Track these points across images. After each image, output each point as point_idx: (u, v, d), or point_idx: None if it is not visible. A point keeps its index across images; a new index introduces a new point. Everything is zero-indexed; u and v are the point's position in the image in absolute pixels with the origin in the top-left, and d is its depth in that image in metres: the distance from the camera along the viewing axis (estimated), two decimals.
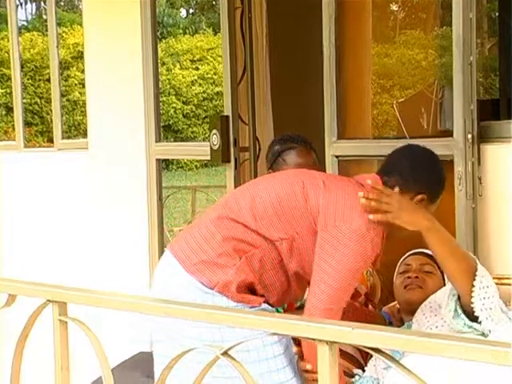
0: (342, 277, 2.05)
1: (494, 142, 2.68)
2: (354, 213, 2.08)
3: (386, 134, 5.54)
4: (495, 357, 1.07)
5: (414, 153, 2.32)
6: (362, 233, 2.06)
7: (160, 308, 1.44)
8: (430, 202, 2.24)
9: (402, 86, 5.90)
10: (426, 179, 2.25)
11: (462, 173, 2.64)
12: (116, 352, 2.57)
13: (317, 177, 2.21)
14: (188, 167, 12.58)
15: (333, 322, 1.23)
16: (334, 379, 1.22)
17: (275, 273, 2.12)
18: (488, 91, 5.49)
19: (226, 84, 3.64)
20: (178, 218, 9.50)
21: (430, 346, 1.15)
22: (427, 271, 2.49)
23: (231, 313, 1.29)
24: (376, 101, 5.89)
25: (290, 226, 2.10)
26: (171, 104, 12.62)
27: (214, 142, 3.63)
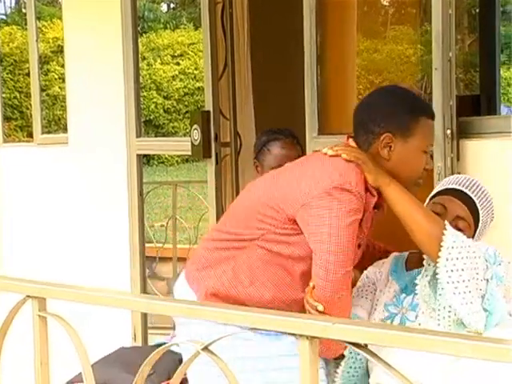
0: (339, 238, 2.02)
1: (473, 138, 2.70)
2: (318, 177, 2.06)
3: None
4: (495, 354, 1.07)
5: (368, 98, 2.26)
6: (335, 186, 2.03)
7: (141, 304, 1.44)
8: (403, 139, 2.11)
9: (391, 81, 5.92)
10: (382, 115, 2.12)
11: (441, 168, 2.65)
12: (97, 347, 2.57)
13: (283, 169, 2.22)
14: (169, 162, 12.56)
15: (313, 317, 1.24)
16: (315, 374, 1.23)
17: (266, 269, 2.11)
18: (468, 87, 5.53)
19: (207, 79, 3.64)
20: (159, 213, 9.48)
21: (414, 342, 1.14)
22: (459, 228, 2.17)
23: (212, 308, 1.29)
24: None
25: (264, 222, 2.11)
26: (152, 99, 12.58)
27: (195, 137, 3.62)
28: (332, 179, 2.04)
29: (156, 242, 6.23)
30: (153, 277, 6.11)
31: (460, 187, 2.27)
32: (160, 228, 7.39)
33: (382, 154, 2.14)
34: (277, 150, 2.91)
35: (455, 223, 2.21)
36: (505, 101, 11.27)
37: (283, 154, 2.90)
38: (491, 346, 1.06)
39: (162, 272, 6.29)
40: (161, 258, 6.12)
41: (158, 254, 6.04)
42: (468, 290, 2.00)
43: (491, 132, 2.67)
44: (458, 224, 2.22)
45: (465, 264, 2.01)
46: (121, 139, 4.01)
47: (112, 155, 4.12)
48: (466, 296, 2.00)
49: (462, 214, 2.23)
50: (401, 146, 2.13)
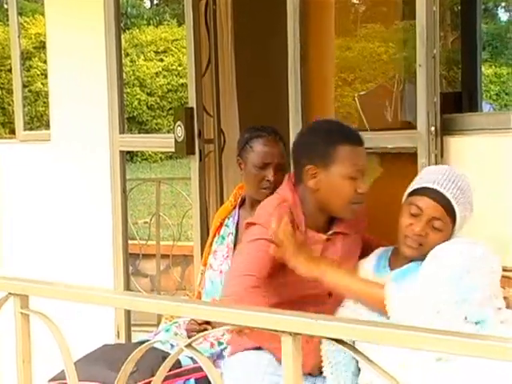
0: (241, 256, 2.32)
1: (456, 135, 2.71)
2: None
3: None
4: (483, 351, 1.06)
5: (296, 137, 2.46)
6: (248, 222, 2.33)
7: (124, 301, 1.43)
8: (325, 168, 2.26)
9: (364, 79, 5.94)
10: (305, 150, 2.32)
11: (425, 165, 2.66)
12: (80, 345, 2.56)
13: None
14: (152, 159, 12.53)
15: (296, 313, 1.24)
16: (298, 370, 1.23)
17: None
18: (451, 84, 5.55)
19: (191, 76, 3.63)
20: (142, 210, 9.45)
21: (400, 339, 1.14)
22: (436, 228, 2.23)
23: (194, 305, 1.28)
24: (338, 94, 5.91)
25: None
26: (135, 95, 12.55)
27: (179, 133, 3.62)
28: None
29: (139, 239, 6.22)
30: (136, 274, 6.10)
31: (435, 186, 2.27)
32: (143, 225, 7.37)
33: (309, 185, 2.29)
34: (259, 147, 2.91)
35: (431, 224, 2.24)
36: (487, 98, 11.35)
37: (266, 151, 2.90)
38: (479, 343, 1.06)
39: (146, 269, 6.28)
40: (144, 255, 6.10)
41: (142, 251, 6.02)
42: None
43: (473, 129, 2.69)
44: (434, 224, 2.24)
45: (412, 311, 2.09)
46: (104, 136, 4.00)
47: (95, 152, 4.11)
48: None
49: (437, 215, 2.25)
50: (325, 176, 2.27)
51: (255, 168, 2.90)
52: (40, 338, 1.70)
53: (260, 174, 2.88)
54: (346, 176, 2.26)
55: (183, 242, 6.34)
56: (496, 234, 2.62)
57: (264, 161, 2.88)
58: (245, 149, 2.94)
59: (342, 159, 2.26)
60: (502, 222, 2.61)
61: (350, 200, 2.27)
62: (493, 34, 10.16)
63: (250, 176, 2.92)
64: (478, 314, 2.13)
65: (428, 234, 2.25)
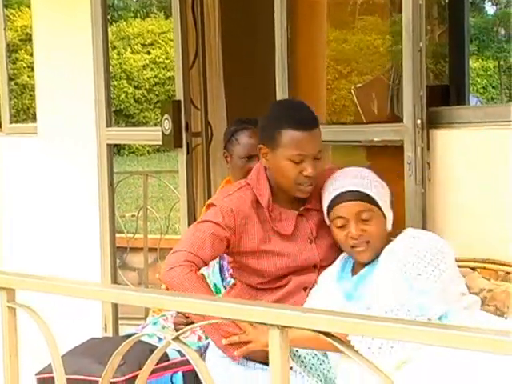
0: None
1: (443, 128, 2.72)
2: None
3: (343, 120, 5.57)
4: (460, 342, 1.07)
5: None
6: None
7: (111, 294, 1.43)
8: (272, 149, 2.35)
9: (360, 71, 5.93)
10: (259, 129, 2.43)
11: (411, 158, 2.67)
12: (67, 338, 2.55)
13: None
14: (140, 152, 12.49)
15: (284, 306, 1.24)
16: (285, 364, 1.23)
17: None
18: (438, 77, 5.56)
19: (178, 68, 3.62)
20: (129, 203, 9.43)
21: (387, 331, 1.14)
22: (365, 219, 2.27)
23: (180, 298, 1.28)
24: (334, 86, 5.90)
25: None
26: (122, 88, 12.50)
27: (166, 126, 3.61)
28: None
29: (127, 233, 6.20)
30: (124, 267, 6.09)
31: (338, 191, 2.32)
32: (131, 218, 7.36)
33: (263, 163, 2.41)
34: (245, 140, 2.91)
35: (360, 219, 2.27)
36: (474, 91, 11.38)
37: (251, 143, 2.90)
38: (456, 334, 1.07)
39: (133, 262, 6.27)
40: (132, 249, 6.09)
41: (129, 245, 6.01)
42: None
43: (460, 122, 2.70)
44: (363, 217, 2.27)
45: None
46: (91, 129, 3.98)
47: (82, 145, 4.09)
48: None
49: (358, 209, 2.28)
50: (272, 156, 2.36)
51: (241, 160, 2.90)
52: (27, 332, 1.70)
53: (246, 165, 2.88)
54: (289, 159, 2.33)
55: (171, 235, 6.33)
56: (484, 226, 2.64)
57: (250, 152, 2.89)
58: (230, 141, 2.95)
59: (286, 143, 2.33)
60: (490, 215, 2.63)
61: (295, 182, 2.34)
62: (480, 28, 10.18)
63: (237, 168, 2.92)
64: (439, 310, 2.16)
65: (365, 230, 2.28)
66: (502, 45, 10.74)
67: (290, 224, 2.42)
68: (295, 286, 2.42)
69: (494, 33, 10.59)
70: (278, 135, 2.33)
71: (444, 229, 2.72)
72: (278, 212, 2.42)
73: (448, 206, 2.72)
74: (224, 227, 2.35)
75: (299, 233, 2.43)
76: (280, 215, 2.42)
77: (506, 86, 11.52)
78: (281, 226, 2.41)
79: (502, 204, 2.59)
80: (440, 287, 2.18)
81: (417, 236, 2.27)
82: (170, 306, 1.42)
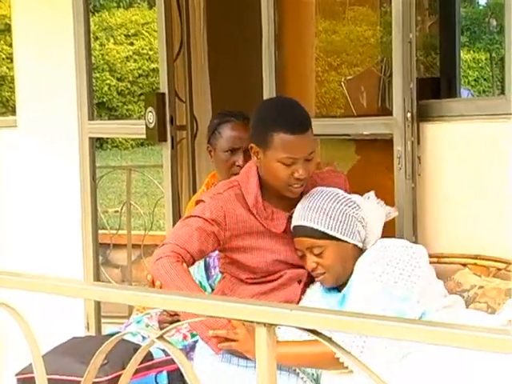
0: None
1: (433, 121, 2.73)
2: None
3: (333, 113, 5.58)
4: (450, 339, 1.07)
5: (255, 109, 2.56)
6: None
7: (94, 292, 1.43)
8: (263, 150, 2.38)
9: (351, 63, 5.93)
10: (251, 128, 2.46)
11: (401, 152, 2.68)
12: (49, 337, 2.55)
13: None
14: (123, 146, 12.47)
15: (270, 303, 1.24)
16: (272, 362, 1.23)
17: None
18: (429, 69, 5.57)
19: (162, 60, 3.61)
20: (112, 198, 9.42)
21: (374, 328, 1.15)
22: (317, 254, 2.36)
23: (165, 296, 1.28)
24: (324, 79, 5.91)
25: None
26: (105, 80, 12.46)
27: (150, 120, 3.60)
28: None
29: (110, 229, 6.20)
30: (106, 264, 6.08)
31: (296, 222, 2.40)
32: (114, 214, 7.35)
33: (253, 160, 2.45)
34: (228, 133, 2.91)
35: (312, 252, 2.36)
36: (465, 84, 11.42)
37: (234, 135, 2.90)
38: (447, 331, 1.08)
39: (116, 259, 6.26)
40: (115, 245, 6.08)
41: (112, 241, 6.00)
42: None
43: (451, 115, 2.71)
44: (314, 251, 2.36)
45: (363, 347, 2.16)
46: (72, 122, 3.97)
47: (63, 139, 4.08)
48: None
49: (307, 245, 2.37)
50: (263, 156, 2.40)
51: (224, 154, 2.90)
52: (7, 331, 1.70)
53: (230, 159, 2.88)
54: (280, 161, 2.36)
55: (155, 231, 6.33)
56: (475, 222, 2.65)
57: (233, 146, 2.89)
58: (214, 135, 2.95)
59: (277, 146, 2.36)
60: (481, 211, 2.64)
61: (286, 183, 2.38)
62: (471, 19, 10.21)
63: (220, 162, 2.92)
64: (417, 313, 2.21)
65: (318, 262, 2.37)
66: (493, 36, 10.78)
67: (281, 223, 2.46)
68: (288, 279, 2.46)
69: (486, 24, 10.62)
70: (270, 137, 2.36)
71: (434, 224, 2.73)
72: (270, 211, 2.45)
73: (438, 200, 2.73)
74: (212, 222, 2.39)
75: (291, 234, 2.46)
76: (272, 214, 2.46)
77: (497, 79, 11.56)
78: (272, 224, 2.45)
79: (493, 199, 2.60)
80: (418, 292, 2.23)
81: (387, 245, 2.33)
82: (154, 303, 1.42)
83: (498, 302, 2.35)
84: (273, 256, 2.45)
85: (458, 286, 2.49)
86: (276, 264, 2.45)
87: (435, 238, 2.72)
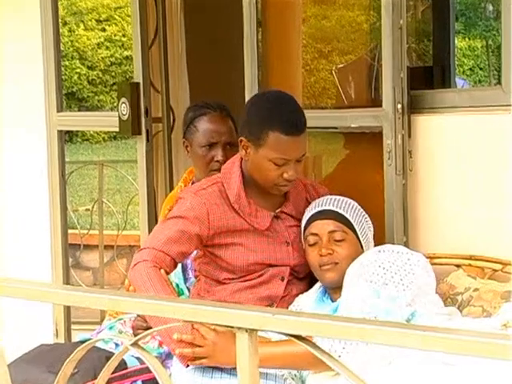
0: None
1: (425, 113, 2.74)
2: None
3: (323, 103, 5.58)
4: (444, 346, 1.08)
5: (246, 103, 2.62)
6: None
7: (62, 296, 1.43)
8: (254, 146, 2.42)
9: (342, 50, 5.93)
10: (243, 121, 2.50)
11: (391, 146, 2.69)
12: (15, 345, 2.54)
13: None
14: (94, 140, 12.43)
15: (252, 307, 1.25)
16: (255, 370, 1.24)
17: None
18: (421, 58, 5.59)
19: (136, 47, 3.60)
20: (83, 196, 9.39)
21: (360, 333, 1.16)
22: (338, 240, 2.44)
23: (137, 299, 1.29)
24: (313, 67, 5.90)
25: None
26: (75, 69, 12.41)
27: (123, 111, 3.60)
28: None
29: (80, 228, 6.18)
30: (77, 266, 6.07)
31: (317, 209, 2.48)
32: (85, 212, 7.32)
33: (241, 154, 2.49)
34: (204, 126, 2.90)
35: (332, 238, 2.43)
36: (460, 73, 11.47)
37: (212, 129, 2.90)
38: (440, 336, 1.09)
39: (88, 261, 6.25)
40: (86, 246, 6.07)
41: (83, 242, 5.99)
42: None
43: (445, 106, 2.72)
44: (335, 237, 2.43)
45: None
46: (40, 114, 3.95)
47: (30, 131, 4.06)
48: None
49: (332, 228, 2.44)
50: (253, 152, 2.44)
51: (202, 149, 2.89)
52: None
53: (208, 154, 2.88)
54: (272, 161, 2.41)
55: (129, 231, 6.31)
56: (469, 220, 2.67)
57: (210, 140, 2.88)
58: (189, 129, 2.94)
59: (271, 145, 2.40)
60: (477, 208, 2.66)
61: (274, 182, 2.44)
62: (466, 4, 10.26)
63: (198, 158, 2.92)
64: (405, 313, 2.24)
65: (335, 250, 2.42)
66: (490, 22, 10.83)
67: (265, 221, 2.51)
68: (270, 276, 2.51)
69: (482, 9, 10.68)
70: (265, 135, 2.40)
71: (426, 223, 2.75)
72: (254, 208, 2.51)
73: (431, 197, 2.74)
74: (194, 221, 2.43)
75: (275, 234, 2.53)
76: (256, 212, 2.51)
77: (494, 68, 11.63)
78: (256, 221, 2.50)
79: (490, 196, 2.62)
80: (409, 297, 2.27)
81: (382, 250, 2.38)
82: (128, 308, 1.43)
83: (493, 305, 2.37)
84: (255, 255, 2.49)
85: (452, 289, 2.50)
86: (257, 263, 2.49)
87: (427, 238, 2.74)
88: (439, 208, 2.73)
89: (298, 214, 2.55)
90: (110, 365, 1.34)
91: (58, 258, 3.94)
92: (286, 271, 2.51)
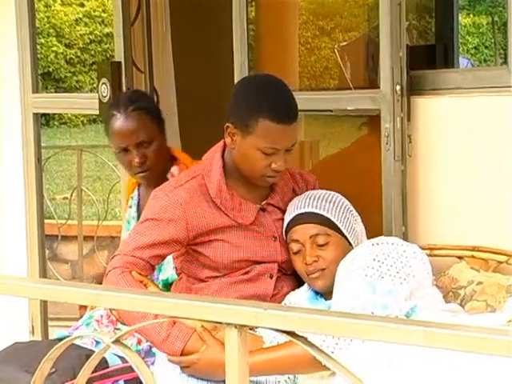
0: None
1: (426, 95, 2.75)
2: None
3: (325, 84, 5.57)
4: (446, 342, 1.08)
5: (234, 87, 2.61)
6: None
7: (39, 290, 1.43)
8: (242, 133, 2.41)
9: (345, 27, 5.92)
10: (230, 106, 2.46)
11: (389, 130, 2.69)
12: None
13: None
14: (73, 123, 12.41)
15: (242, 302, 1.25)
16: (244, 368, 1.24)
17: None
18: (422, 35, 5.60)
19: (117, 24, 3.60)
20: (61, 183, 9.38)
21: (356, 329, 1.16)
22: (321, 244, 2.43)
23: (123, 294, 1.29)
24: (314, 45, 5.89)
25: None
26: (51, 47, 12.37)
27: (104, 93, 3.59)
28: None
29: (58, 218, 6.18)
30: (54, 259, 6.06)
31: (295, 212, 2.46)
32: (62, 201, 7.33)
33: (227, 141, 2.47)
34: (113, 131, 2.85)
35: (315, 244, 2.42)
36: (464, 52, 11.48)
37: (120, 133, 2.83)
38: (443, 333, 1.09)
39: (66, 253, 6.25)
40: (64, 237, 6.07)
41: (61, 233, 5.99)
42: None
43: (447, 88, 2.73)
44: (318, 241, 2.42)
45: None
46: (14, 95, 3.94)
47: (3, 114, 4.05)
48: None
49: (313, 232, 2.43)
50: (240, 140, 2.42)
51: (118, 154, 2.88)
52: None
53: (124, 159, 2.86)
54: (260, 150, 2.40)
55: (110, 221, 6.32)
56: (473, 209, 2.68)
57: (121, 145, 2.85)
58: (106, 131, 2.93)
59: (260, 133, 2.38)
60: (480, 197, 2.66)
61: (262, 173, 2.43)
62: None
63: (120, 161, 2.95)
64: (404, 307, 2.25)
65: (320, 256, 2.42)
66: None
67: (249, 215, 2.50)
68: (257, 274, 2.50)
69: None
70: (254, 122, 2.38)
71: (427, 211, 2.75)
72: (237, 201, 2.49)
73: (431, 185, 2.75)
74: (168, 224, 2.42)
75: (262, 228, 2.52)
76: (240, 205, 2.49)
77: (500, 46, 11.64)
78: (239, 215, 2.48)
79: (494, 183, 2.63)
80: (407, 290, 2.27)
81: (375, 243, 2.38)
82: (109, 303, 1.43)
83: (498, 299, 2.38)
84: (239, 252, 2.48)
85: (454, 282, 2.51)
86: (242, 260, 2.49)
87: (427, 228, 2.74)
88: (440, 196, 2.74)
89: (285, 206, 2.54)
90: (89, 363, 1.35)
91: (33, 250, 3.94)
92: (274, 268, 2.51)
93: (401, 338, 1.14)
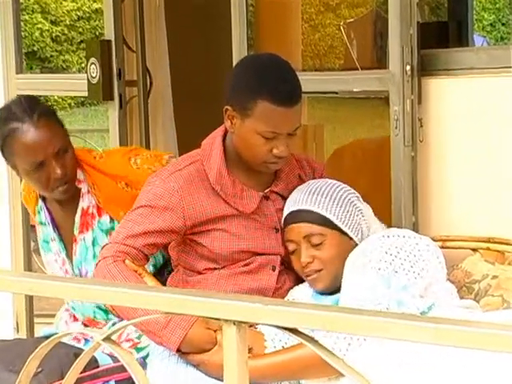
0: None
1: (438, 75, 2.75)
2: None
3: (330, 64, 5.57)
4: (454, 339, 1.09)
5: (235, 64, 2.61)
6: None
7: (23, 284, 1.43)
8: (241, 116, 2.40)
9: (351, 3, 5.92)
10: (229, 88, 2.45)
11: (398, 113, 2.69)
12: None
13: None
14: (59, 106, 12.40)
15: (241, 297, 1.26)
16: (243, 366, 1.25)
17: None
18: (434, 12, 5.59)
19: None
20: None
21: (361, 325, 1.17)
22: (316, 244, 2.42)
23: (113, 288, 1.29)
24: (318, 22, 5.88)
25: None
26: (36, 24, 12.35)
27: (93, 73, 3.59)
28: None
29: None
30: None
31: (294, 207, 2.45)
32: None
33: (226, 124, 2.46)
34: (21, 148, 2.62)
35: (310, 244, 2.42)
36: (479, 29, 11.47)
37: (31, 148, 2.61)
38: (454, 330, 1.10)
39: None
40: None
41: None
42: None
43: (460, 68, 2.73)
44: (312, 241, 2.41)
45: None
46: None
47: None
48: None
49: (307, 232, 2.42)
50: (239, 124, 2.41)
51: (31, 173, 2.67)
52: None
53: (43, 174, 2.65)
54: (260, 134, 2.39)
55: None
56: (487, 198, 2.68)
57: (35, 160, 2.63)
58: (5, 153, 2.69)
59: (260, 116, 2.37)
60: (496, 184, 2.67)
61: (263, 159, 2.42)
62: None
63: (33, 181, 2.72)
64: (421, 304, 2.26)
65: (315, 256, 2.42)
66: None
67: (252, 203, 2.50)
68: (259, 266, 2.50)
69: None
70: (254, 104, 2.37)
71: (439, 201, 2.76)
72: (239, 188, 2.48)
73: (443, 172, 2.75)
74: (163, 212, 2.42)
75: (264, 218, 2.51)
76: (242, 192, 2.49)
77: None
78: (241, 203, 2.48)
79: (510, 169, 2.63)
80: (421, 285, 2.28)
81: (386, 235, 2.39)
82: (100, 298, 1.43)
83: None
84: (240, 242, 2.48)
85: (467, 276, 2.52)
86: (242, 251, 2.49)
87: (439, 218, 2.75)
88: (453, 184, 2.74)
89: (290, 194, 2.54)
90: (78, 363, 1.35)
91: (18, 242, 3.94)
92: (276, 260, 2.51)
93: (410, 335, 1.15)
